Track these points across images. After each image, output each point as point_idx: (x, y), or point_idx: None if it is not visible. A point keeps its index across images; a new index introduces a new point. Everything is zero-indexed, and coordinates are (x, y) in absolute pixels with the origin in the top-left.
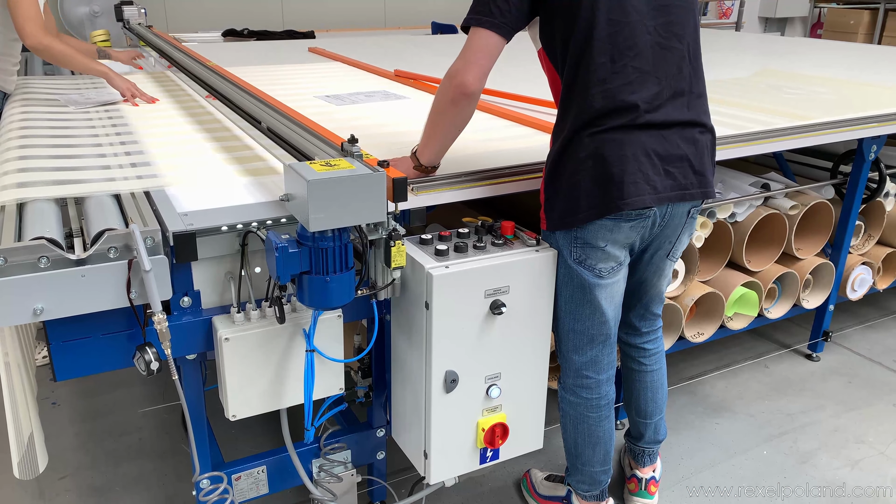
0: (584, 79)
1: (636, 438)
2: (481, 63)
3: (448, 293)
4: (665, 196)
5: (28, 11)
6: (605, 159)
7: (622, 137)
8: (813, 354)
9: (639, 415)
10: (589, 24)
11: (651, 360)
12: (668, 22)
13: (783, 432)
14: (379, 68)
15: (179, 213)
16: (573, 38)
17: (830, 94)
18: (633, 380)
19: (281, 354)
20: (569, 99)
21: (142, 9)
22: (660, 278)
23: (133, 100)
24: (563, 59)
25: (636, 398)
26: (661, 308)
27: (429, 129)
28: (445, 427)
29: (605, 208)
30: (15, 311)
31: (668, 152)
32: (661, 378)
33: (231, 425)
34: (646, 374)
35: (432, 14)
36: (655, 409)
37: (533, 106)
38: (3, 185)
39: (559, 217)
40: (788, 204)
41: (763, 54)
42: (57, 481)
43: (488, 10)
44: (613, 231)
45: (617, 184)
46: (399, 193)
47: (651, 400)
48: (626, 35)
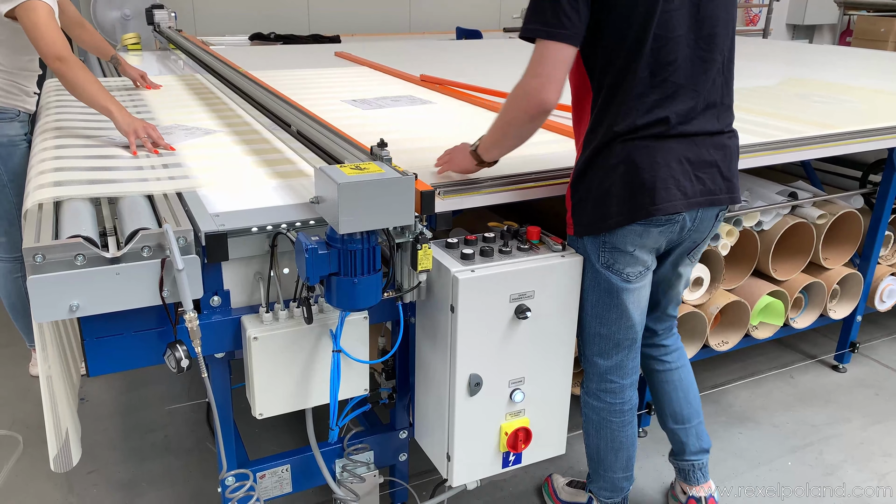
0: (623, 91)
1: (681, 453)
2: (559, 78)
3: (473, 297)
4: (695, 201)
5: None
6: (636, 165)
7: (654, 145)
8: (839, 365)
9: (676, 421)
10: (638, 39)
11: (673, 357)
12: (710, 34)
13: (808, 444)
14: (405, 73)
15: (211, 214)
16: (619, 50)
17: (859, 103)
18: (661, 382)
19: (308, 354)
20: (605, 109)
21: (172, 13)
22: (679, 279)
23: (134, 147)
24: (604, 68)
25: (668, 402)
26: (678, 310)
27: (497, 135)
28: (469, 430)
29: (636, 214)
30: (52, 307)
31: (698, 158)
32: (689, 375)
33: (254, 424)
34: (671, 372)
35: (457, 19)
36: (692, 411)
37: (558, 112)
38: (40, 184)
39: (588, 223)
40: (816, 213)
41: (791, 62)
42: (85, 475)
43: (559, 21)
44: (643, 236)
45: (649, 189)
46: (427, 206)
47: (684, 400)
48: (669, 49)
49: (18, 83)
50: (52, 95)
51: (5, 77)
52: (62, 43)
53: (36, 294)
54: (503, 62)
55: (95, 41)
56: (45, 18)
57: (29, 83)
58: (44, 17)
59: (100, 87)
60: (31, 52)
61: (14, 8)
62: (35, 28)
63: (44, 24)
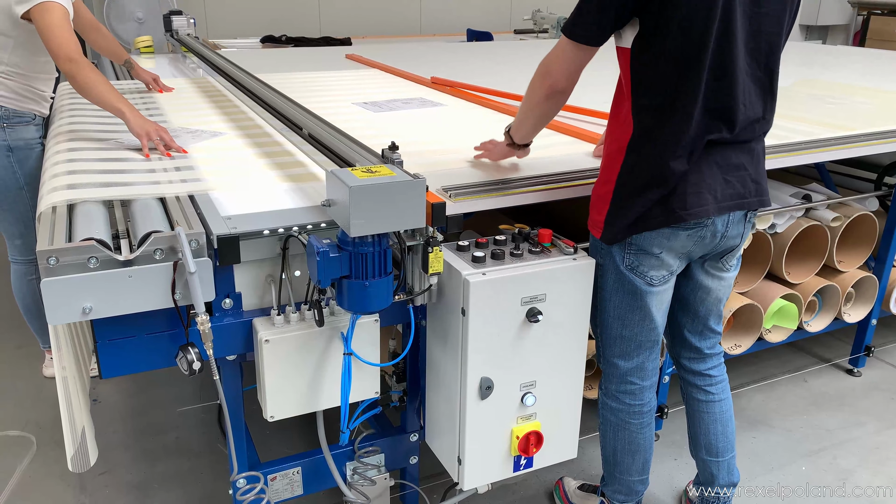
0: (684, 103)
1: (708, 483)
2: (570, 70)
3: (484, 300)
4: (725, 205)
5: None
6: (672, 171)
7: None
8: (854, 369)
9: (709, 453)
10: (700, 50)
11: (718, 389)
12: (757, 49)
13: (822, 448)
14: (415, 75)
15: (223, 217)
16: (677, 58)
17: (874, 105)
18: (700, 412)
19: (319, 357)
20: (658, 117)
21: (191, 19)
22: (718, 284)
23: (147, 150)
24: (659, 75)
25: (705, 433)
26: (721, 326)
27: (522, 113)
28: (480, 434)
29: (665, 218)
30: (65, 309)
31: (728, 162)
32: (730, 409)
33: (265, 426)
34: (714, 403)
35: (468, 21)
36: (727, 444)
37: (570, 114)
38: (53, 187)
39: (622, 228)
40: (830, 215)
41: (804, 64)
42: (97, 476)
43: (584, 23)
44: (670, 239)
45: (679, 195)
46: (438, 217)
47: (722, 434)
48: (723, 61)
49: (34, 87)
50: (65, 99)
51: (22, 81)
52: (74, 44)
53: (49, 296)
54: (514, 64)
55: (110, 45)
56: (60, 20)
57: (45, 87)
58: (58, 18)
59: (111, 89)
60: (48, 54)
61: (30, 9)
62: (49, 29)
63: (57, 26)
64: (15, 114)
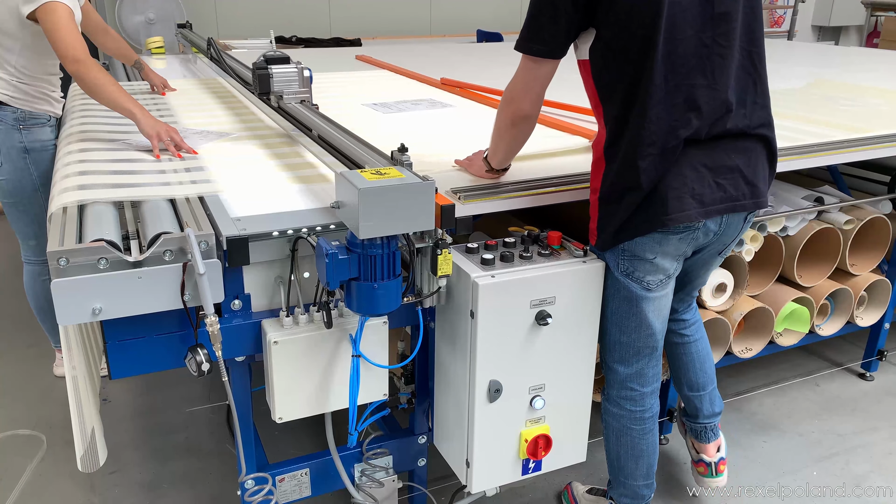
0: (640, 101)
1: (694, 416)
2: (535, 90)
3: (493, 302)
4: (714, 209)
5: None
6: (650, 176)
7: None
8: (867, 374)
9: (691, 389)
10: (645, 47)
11: (692, 330)
12: (728, 31)
13: (834, 453)
14: (425, 76)
15: (232, 218)
16: (627, 60)
17: (887, 106)
18: (679, 354)
19: (327, 359)
20: (622, 120)
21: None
22: (707, 271)
23: (157, 151)
24: (612, 83)
25: (685, 372)
26: (698, 291)
27: (494, 142)
28: (488, 436)
29: (650, 224)
30: (75, 310)
31: (717, 164)
32: (706, 347)
33: (274, 427)
34: (690, 344)
35: (478, 22)
36: (707, 379)
37: (575, 114)
38: (64, 188)
39: (610, 235)
40: (843, 218)
41: (817, 65)
42: (107, 476)
43: (540, 37)
44: (662, 244)
45: (661, 199)
46: (447, 220)
47: (701, 370)
48: (681, 52)
49: (44, 88)
50: (77, 100)
51: (31, 83)
52: (80, 45)
53: (60, 297)
54: None
55: (119, 47)
56: (65, 20)
57: (54, 88)
58: (63, 18)
59: (119, 89)
60: (54, 55)
61: (36, 9)
62: (54, 30)
63: (63, 26)
64: (31, 115)
